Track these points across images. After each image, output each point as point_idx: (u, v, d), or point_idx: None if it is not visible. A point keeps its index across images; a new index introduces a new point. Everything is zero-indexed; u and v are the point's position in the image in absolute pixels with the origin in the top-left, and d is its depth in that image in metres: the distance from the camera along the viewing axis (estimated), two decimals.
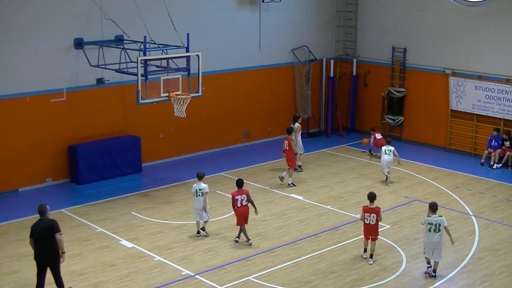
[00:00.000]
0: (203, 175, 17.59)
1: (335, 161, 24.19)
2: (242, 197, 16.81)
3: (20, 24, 20.19)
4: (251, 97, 26.43)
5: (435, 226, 14.94)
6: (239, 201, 16.78)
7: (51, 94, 21.11)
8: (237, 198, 16.79)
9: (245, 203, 16.84)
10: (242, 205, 16.81)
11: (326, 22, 28.54)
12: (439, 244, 15.06)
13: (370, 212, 15.81)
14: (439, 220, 14.95)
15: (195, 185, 17.39)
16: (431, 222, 14.95)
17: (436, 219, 14.95)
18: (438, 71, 25.82)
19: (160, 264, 15.86)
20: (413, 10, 26.48)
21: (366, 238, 16.14)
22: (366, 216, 15.88)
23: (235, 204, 16.83)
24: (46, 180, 21.44)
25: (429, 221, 14.98)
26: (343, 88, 28.88)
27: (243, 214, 16.83)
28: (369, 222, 15.88)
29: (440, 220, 14.96)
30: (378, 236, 16.15)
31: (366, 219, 15.90)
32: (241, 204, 16.79)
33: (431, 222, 14.95)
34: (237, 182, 17.10)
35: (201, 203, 17.22)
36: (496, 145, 23.75)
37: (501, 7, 23.90)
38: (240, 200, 16.78)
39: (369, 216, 15.83)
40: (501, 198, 20.55)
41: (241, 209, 16.82)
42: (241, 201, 16.79)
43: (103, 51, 20.95)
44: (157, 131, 23.79)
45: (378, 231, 16.12)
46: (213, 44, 24.45)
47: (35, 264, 14.10)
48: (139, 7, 20.65)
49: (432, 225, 14.95)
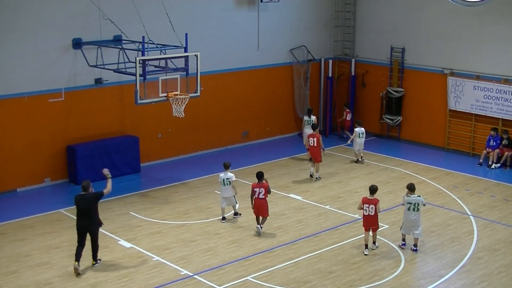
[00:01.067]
0: (229, 165, 18.49)
1: (333, 161, 24.19)
2: (260, 190, 17.44)
3: (18, 24, 20.17)
4: (250, 97, 26.42)
5: (414, 205, 16.09)
6: (257, 193, 17.48)
7: (49, 94, 21.09)
8: (255, 190, 17.49)
9: (262, 196, 17.44)
10: (258, 197, 17.45)
11: (324, 22, 28.55)
12: (417, 221, 16.20)
13: (369, 203, 16.32)
14: (417, 199, 16.11)
15: (222, 174, 18.28)
16: (411, 202, 16.09)
17: (415, 198, 16.10)
18: (437, 71, 25.83)
19: (159, 264, 15.86)
20: (411, 10, 26.50)
21: (367, 229, 16.51)
22: (365, 207, 16.34)
23: (253, 195, 17.48)
24: (44, 180, 21.42)
25: (409, 200, 16.11)
26: (342, 88, 28.87)
27: (257, 205, 17.48)
28: (368, 213, 16.35)
29: (419, 199, 16.14)
30: (378, 226, 16.65)
31: (365, 210, 16.36)
32: (257, 196, 17.45)
33: (410, 202, 16.09)
34: (257, 174, 17.70)
35: (228, 191, 18.22)
36: (495, 145, 23.76)
37: (499, 7, 23.92)
38: (258, 192, 17.46)
39: (368, 207, 16.31)
40: (499, 198, 20.56)
41: (257, 201, 17.48)
42: (258, 194, 17.46)
43: (102, 51, 20.93)
44: (156, 131, 23.78)
45: (378, 221, 16.54)
46: (212, 44, 24.44)
47: (33, 265, 14.79)
48: (137, 7, 20.64)
49: (411, 204, 16.08)
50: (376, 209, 16.29)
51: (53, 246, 16.81)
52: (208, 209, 19.51)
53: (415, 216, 16.20)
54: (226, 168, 18.36)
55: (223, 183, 18.21)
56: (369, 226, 16.46)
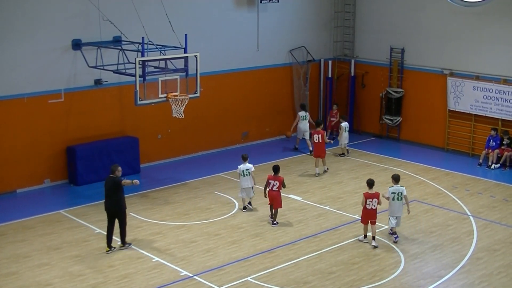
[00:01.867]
0: (247, 156, 19.35)
1: (333, 161, 24.18)
2: (275, 182, 18.22)
3: (18, 25, 20.18)
4: (249, 97, 26.43)
5: (397, 194, 16.92)
6: (271, 185, 18.26)
7: (49, 95, 21.09)
8: (270, 182, 18.28)
9: (276, 189, 18.19)
10: (272, 189, 18.23)
11: (324, 22, 28.56)
12: (400, 211, 17.04)
13: (372, 197, 16.84)
14: (400, 189, 16.96)
15: (241, 166, 19.06)
16: (394, 191, 16.93)
17: (398, 188, 16.96)
18: (436, 71, 25.84)
19: (159, 265, 15.86)
20: (411, 11, 26.51)
21: (365, 223, 17.03)
22: (368, 202, 16.83)
23: (267, 186, 18.27)
24: (44, 181, 21.42)
25: (393, 190, 16.95)
26: (341, 89, 28.89)
27: (271, 197, 18.26)
28: (371, 207, 16.86)
29: (402, 189, 16.99)
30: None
31: (368, 204, 16.84)
32: (271, 188, 18.24)
33: (394, 192, 16.93)
34: (274, 168, 18.52)
35: (248, 181, 19.00)
36: (494, 145, 23.77)
37: (498, 7, 23.93)
38: (272, 184, 18.25)
39: (371, 201, 16.82)
40: (499, 198, 20.56)
41: (271, 193, 18.27)
42: (272, 186, 18.24)
43: (101, 52, 20.93)
44: (155, 132, 23.79)
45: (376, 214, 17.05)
46: (211, 45, 24.45)
47: (32, 266, 15.05)
48: (137, 8, 20.64)
49: (395, 194, 16.92)
50: (379, 201, 16.87)
51: (53, 247, 16.81)
52: (208, 209, 19.51)
53: (398, 205, 16.98)
54: (244, 160, 19.18)
55: (242, 174, 18.94)
56: (369, 219, 16.98)
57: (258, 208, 19.53)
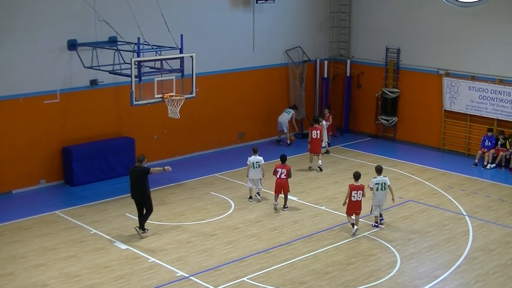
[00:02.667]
0: (258, 149, 20.14)
1: (329, 161, 24.20)
2: (282, 171, 19.22)
3: (13, 26, 20.14)
4: (245, 98, 26.43)
5: (381, 185, 17.72)
6: (279, 173, 19.24)
7: (45, 96, 21.06)
8: (278, 170, 19.26)
9: (284, 177, 19.18)
10: (280, 177, 19.23)
11: (319, 23, 28.58)
12: (383, 200, 17.93)
13: (357, 189, 17.52)
14: (384, 179, 17.77)
15: (251, 158, 19.74)
16: (378, 182, 17.74)
17: (381, 178, 17.79)
18: (432, 71, 25.88)
19: (155, 265, 15.85)
20: (407, 11, 26.54)
21: (350, 214, 17.66)
22: (354, 194, 17.50)
23: (275, 174, 19.27)
24: (40, 182, 21.40)
25: (376, 181, 17.75)
26: (337, 89, 28.91)
27: (279, 184, 19.24)
28: (356, 199, 17.53)
29: (385, 179, 17.81)
30: None
31: (354, 196, 17.49)
32: (279, 176, 19.23)
33: (378, 182, 17.74)
34: (281, 157, 19.62)
35: (258, 173, 19.73)
36: (490, 145, 23.81)
37: (493, 8, 23.98)
38: (280, 172, 19.24)
39: (357, 193, 17.50)
40: (494, 198, 20.60)
41: (279, 180, 19.28)
42: (280, 174, 19.23)
43: (97, 52, 20.92)
44: (151, 132, 23.78)
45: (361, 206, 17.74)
46: (207, 45, 24.44)
47: (29, 267, 15.20)
48: (132, 8, 20.64)
49: (378, 184, 17.72)
50: (363, 194, 17.56)
51: (49, 247, 16.79)
52: (204, 210, 19.52)
53: (382, 195, 17.83)
54: (255, 152, 19.86)
55: (252, 166, 19.63)
56: (354, 210, 17.63)
57: (254, 209, 19.54)
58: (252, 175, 19.74)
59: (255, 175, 19.75)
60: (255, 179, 19.81)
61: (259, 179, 19.86)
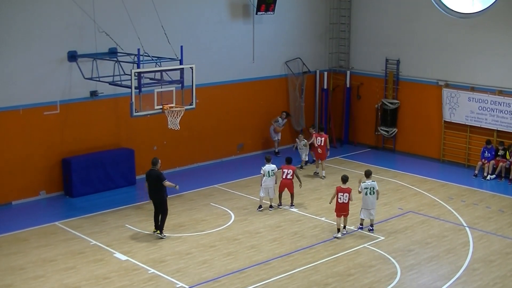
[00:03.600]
0: (271, 157, 20.76)
1: (328, 172, 24.18)
2: (289, 171, 20.22)
3: (14, 37, 20.20)
4: (245, 109, 26.45)
5: (370, 189, 18.20)
6: (285, 173, 20.23)
7: (45, 107, 21.08)
8: (284, 171, 20.25)
9: (290, 177, 20.18)
10: (286, 178, 20.24)
11: (319, 34, 28.65)
12: (374, 204, 18.33)
13: (344, 191, 18.07)
14: (372, 184, 18.26)
15: (265, 167, 20.17)
16: (367, 186, 18.21)
17: (371, 183, 18.26)
18: (431, 82, 25.91)
19: (154, 276, 15.81)
20: (406, 22, 26.60)
21: (339, 216, 18.16)
22: (340, 195, 18.04)
23: (281, 175, 20.26)
24: (39, 193, 21.38)
25: (365, 186, 18.24)
26: (337, 100, 28.93)
27: (284, 184, 20.29)
28: (342, 201, 18.05)
29: (373, 184, 18.28)
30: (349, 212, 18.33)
31: (340, 198, 18.04)
32: (285, 177, 20.23)
33: (367, 187, 18.21)
34: (287, 159, 20.57)
35: (273, 181, 20.24)
36: (490, 156, 23.80)
37: (493, 18, 24.04)
38: (286, 173, 20.23)
39: (343, 195, 18.03)
40: (494, 209, 20.57)
41: (284, 181, 20.28)
42: (286, 174, 20.24)
43: (97, 63, 20.94)
44: (151, 143, 23.77)
45: (349, 208, 18.21)
46: (207, 57, 24.50)
47: (27, 278, 15.17)
48: (132, 19, 20.68)
49: (368, 188, 18.19)
50: (350, 197, 18.07)
51: (48, 259, 16.75)
52: (204, 221, 19.49)
53: (372, 199, 18.26)
54: (268, 161, 20.39)
55: (268, 174, 20.08)
56: (342, 212, 18.12)
57: (253, 220, 19.52)
58: (268, 183, 20.16)
59: (271, 183, 20.21)
60: (269, 187, 20.22)
61: (273, 186, 20.32)
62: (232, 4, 25.41)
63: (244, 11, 25.80)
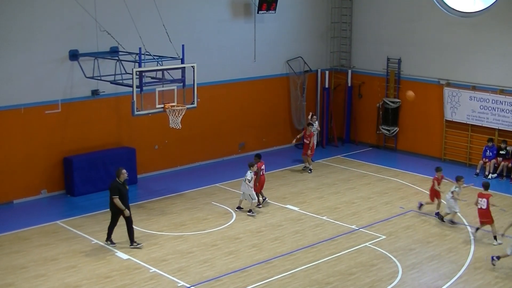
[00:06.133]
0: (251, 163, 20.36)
1: (330, 172, 24.19)
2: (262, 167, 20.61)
3: (15, 36, 20.20)
4: (246, 108, 26.45)
5: None
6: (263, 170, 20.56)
7: (46, 106, 21.09)
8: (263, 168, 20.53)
9: None
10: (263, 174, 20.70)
11: (321, 33, 28.64)
12: None
13: (482, 197, 18.06)
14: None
15: None
16: None
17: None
18: (433, 81, 25.90)
19: (156, 275, 15.82)
20: (408, 21, 26.59)
21: (481, 222, 18.21)
22: (479, 201, 18.10)
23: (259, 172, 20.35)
24: (41, 192, 21.39)
25: None
26: (338, 99, 28.93)
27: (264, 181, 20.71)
28: (480, 207, 18.11)
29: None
30: None
31: (478, 203, 18.12)
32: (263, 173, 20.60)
33: None
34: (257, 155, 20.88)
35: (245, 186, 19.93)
36: (491, 155, 23.78)
37: (494, 18, 24.03)
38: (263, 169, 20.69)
39: (481, 200, 18.07)
40: (496, 208, 20.50)
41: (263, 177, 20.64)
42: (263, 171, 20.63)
43: (98, 62, 20.95)
44: (152, 142, 23.78)
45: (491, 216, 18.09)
46: (208, 56, 24.50)
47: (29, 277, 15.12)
48: (134, 18, 20.68)
49: None
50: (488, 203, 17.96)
51: (49, 258, 16.76)
52: (205, 220, 19.49)
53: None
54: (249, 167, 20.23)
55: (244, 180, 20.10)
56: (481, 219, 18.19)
57: (255, 219, 19.52)
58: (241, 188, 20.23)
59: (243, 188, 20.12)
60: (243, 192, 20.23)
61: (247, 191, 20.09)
62: (234, 3, 25.40)
63: (246, 10, 25.80)
